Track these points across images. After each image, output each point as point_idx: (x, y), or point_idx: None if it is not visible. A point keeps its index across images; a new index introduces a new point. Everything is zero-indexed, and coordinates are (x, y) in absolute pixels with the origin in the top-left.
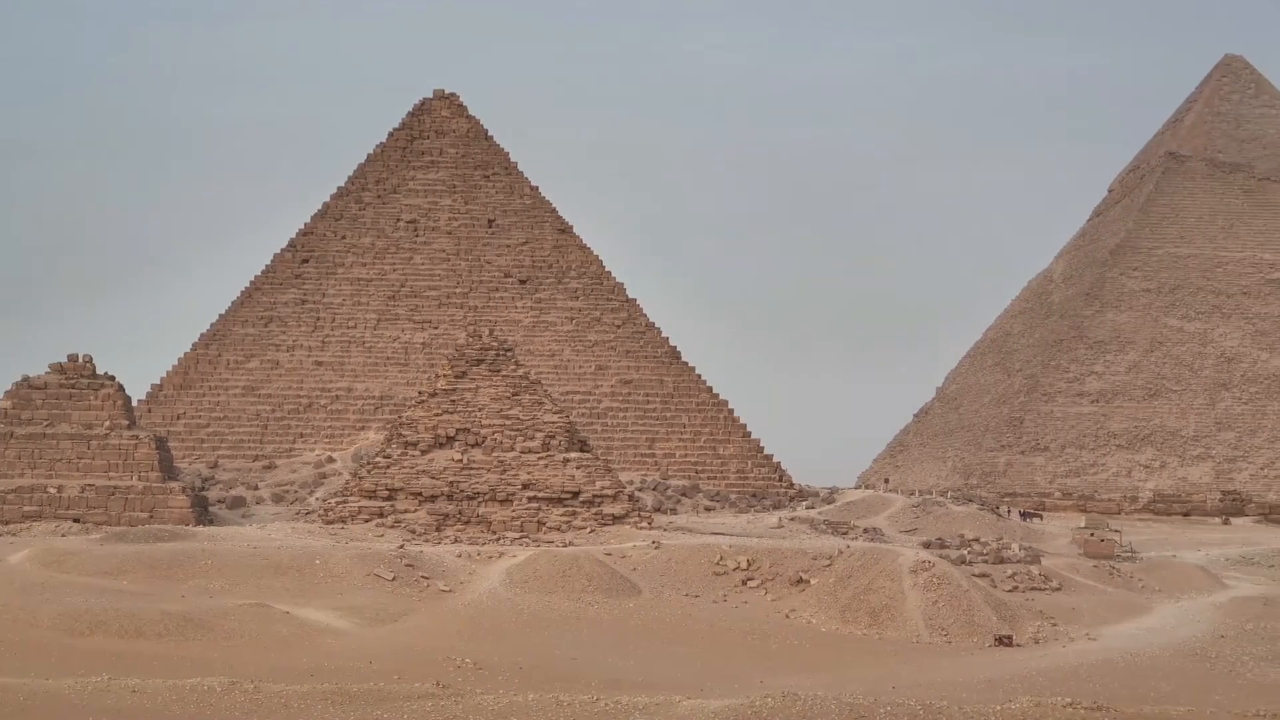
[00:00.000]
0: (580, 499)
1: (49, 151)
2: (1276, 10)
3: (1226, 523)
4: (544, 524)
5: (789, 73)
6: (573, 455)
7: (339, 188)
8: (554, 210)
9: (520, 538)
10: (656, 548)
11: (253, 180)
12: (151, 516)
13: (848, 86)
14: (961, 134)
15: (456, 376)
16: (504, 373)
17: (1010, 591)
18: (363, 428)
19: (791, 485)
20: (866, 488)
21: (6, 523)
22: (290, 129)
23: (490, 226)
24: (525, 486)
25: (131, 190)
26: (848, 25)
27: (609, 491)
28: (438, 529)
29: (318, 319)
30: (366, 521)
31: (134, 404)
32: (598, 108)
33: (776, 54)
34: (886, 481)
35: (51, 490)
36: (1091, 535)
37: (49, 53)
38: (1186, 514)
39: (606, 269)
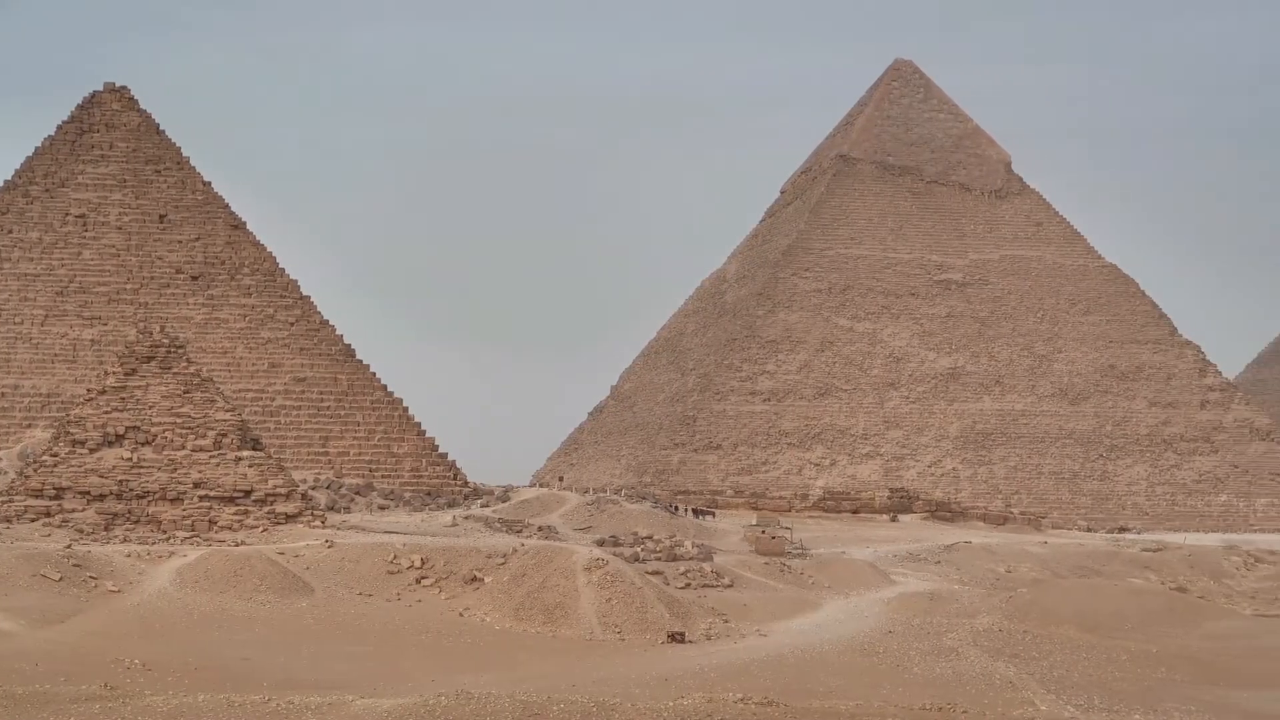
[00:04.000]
0: (253, 498)
1: None
2: (945, 16)
3: (894, 520)
4: (215, 523)
5: (477, 71)
6: (245, 454)
7: (5, 181)
8: (226, 206)
9: (191, 537)
10: (330, 546)
11: None
12: None
13: (533, 86)
14: (638, 134)
15: (126, 374)
16: (175, 370)
17: (683, 589)
18: (29, 425)
19: (466, 484)
20: (541, 486)
21: None
22: None
23: (162, 222)
24: (196, 485)
25: None
26: (530, 25)
27: (282, 490)
28: (106, 528)
29: None
30: (33, 521)
31: None
32: (276, 105)
33: (462, 52)
34: (561, 479)
35: None
36: (763, 532)
37: None
38: (856, 511)
39: (280, 266)
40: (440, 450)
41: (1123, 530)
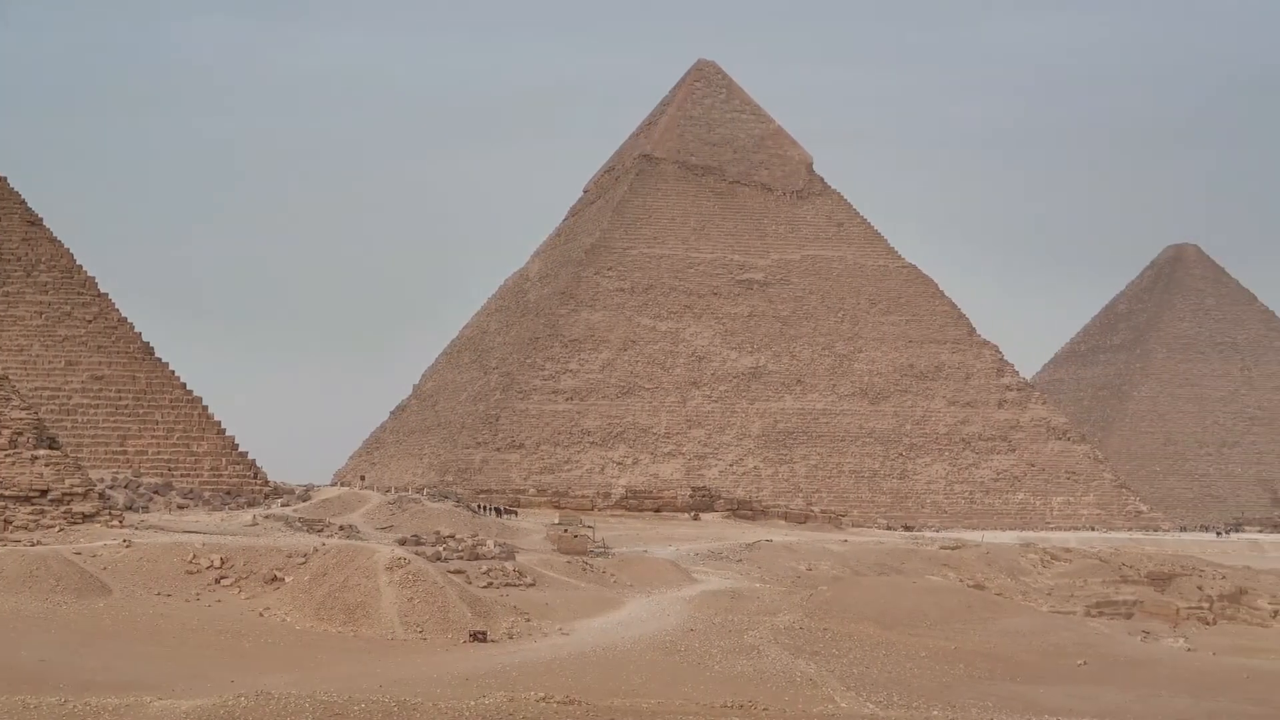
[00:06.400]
0: (49, 497)
1: None
2: (748, 16)
3: (697, 518)
4: (10, 523)
5: (282, 67)
6: (41, 453)
7: None
8: (23, 201)
9: None
10: (128, 546)
11: None
12: None
13: (336, 82)
14: (441, 132)
15: None
16: None
17: (485, 588)
18: None
19: (266, 483)
20: (343, 485)
21: None
22: None
23: None
24: None
25: None
26: (334, 21)
27: (79, 489)
28: None
29: None
30: None
31: None
32: (79, 97)
33: (265, 47)
34: (363, 479)
35: None
36: (565, 531)
37: None
38: (658, 510)
39: (78, 263)
40: (240, 449)
41: (908, 529)
